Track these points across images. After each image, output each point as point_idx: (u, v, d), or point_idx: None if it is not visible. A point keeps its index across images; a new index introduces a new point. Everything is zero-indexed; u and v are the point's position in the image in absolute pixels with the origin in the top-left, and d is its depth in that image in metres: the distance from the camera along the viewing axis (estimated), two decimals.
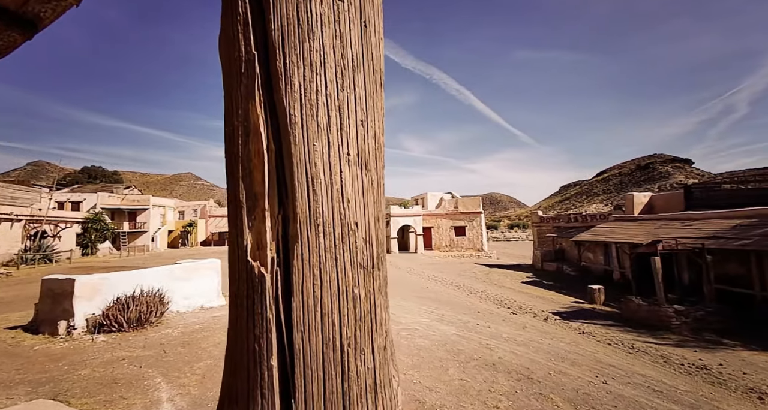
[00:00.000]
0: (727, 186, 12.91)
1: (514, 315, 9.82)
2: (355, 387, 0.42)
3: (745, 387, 5.34)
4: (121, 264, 22.52)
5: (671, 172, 79.27)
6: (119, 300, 6.51)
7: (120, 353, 5.60)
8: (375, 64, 0.54)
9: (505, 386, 4.76)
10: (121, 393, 4.21)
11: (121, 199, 37.86)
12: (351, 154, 0.49)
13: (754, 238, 8.95)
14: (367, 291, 0.48)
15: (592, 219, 17.91)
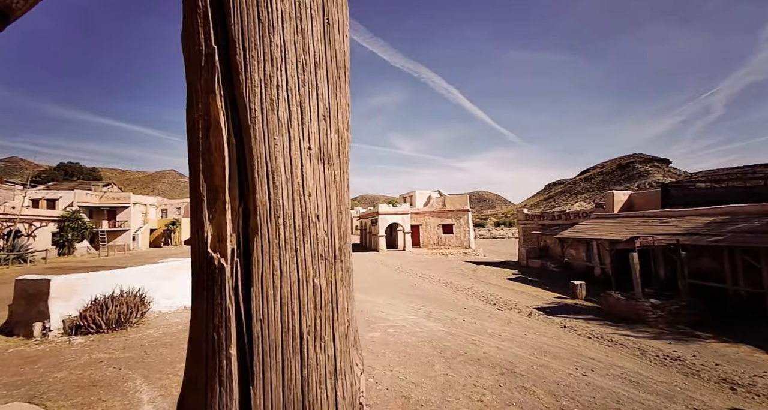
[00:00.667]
0: (702, 184, 13.43)
1: (499, 311, 10.01)
2: (315, 373, 0.43)
3: (718, 377, 5.60)
4: (99, 264, 21.83)
5: (650, 171, 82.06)
6: (97, 300, 6.32)
7: (98, 355, 5.45)
8: (339, 61, 0.55)
9: (489, 380, 4.86)
10: (99, 395, 4.10)
11: (99, 197, 36.59)
12: (313, 149, 0.50)
13: (726, 235, 9.37)
14: (329, 281, 0.49)
15: (575, 216, 18.37)
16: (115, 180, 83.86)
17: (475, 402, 4.16)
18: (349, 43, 0.58)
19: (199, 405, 0.40)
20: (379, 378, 4.71)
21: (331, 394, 0.44)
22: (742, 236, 8.98)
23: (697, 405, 4.52)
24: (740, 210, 10.32)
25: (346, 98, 0.57)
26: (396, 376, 4.80)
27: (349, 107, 0.59)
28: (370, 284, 13.96)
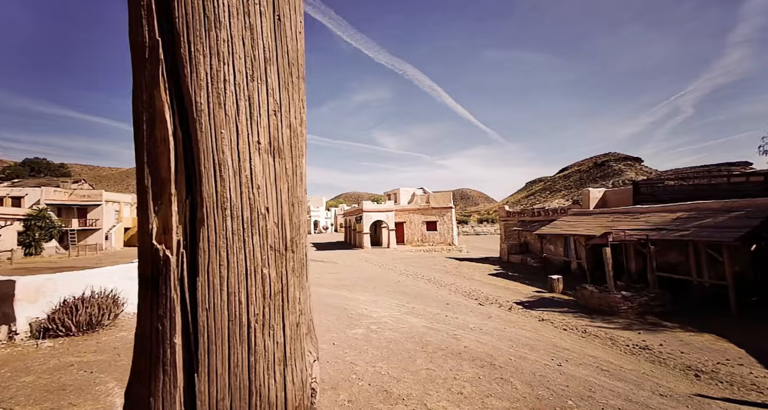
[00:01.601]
0: (670, 182, 14.12)
1: (481, 305, 10.22)
2: (263, 360, 0.45)
3: (683, 365, 5.93)
4: (69, 264, 20.84)
5: (623, 169, 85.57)
6: (66, 302, 6.05)
7: (68, 358, 5.23)
8: (291, 57, 0.56)
9: (470, 373, 4.98)
10: (70, 399, 3.95)
11: (68, 194, 34.82)
12: (262, 143, 0.51)
13: (692, 229, 9.91)
14: (279, 272, 0.50)
15: (553, 213, 18.94)
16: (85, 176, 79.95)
17: (455, 395, 4.26)
18: (303, 40, 0.59)
19: (144, 394, 0.40)
20: (362, 374, 4.74)
21: (279, 379, 0.46)
22: (705, 231, 9.53)
23: (663, 391, 4.79)
24: (704, 206, 10.94)
25: (300, 94, 0.58)
26: (378, 372, 4.85)
27: (303, 103, 0.59)
28: (353, 281, 13.96)
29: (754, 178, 10.65)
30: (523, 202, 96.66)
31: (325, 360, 5.18)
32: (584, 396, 4.37)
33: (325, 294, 11.20)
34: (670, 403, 4.38)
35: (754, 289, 9.98)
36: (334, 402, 3.90)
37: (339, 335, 6.53)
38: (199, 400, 0.40)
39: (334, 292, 11.51)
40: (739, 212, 9.69)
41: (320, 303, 9.48)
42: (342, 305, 9.36)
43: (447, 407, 3.93)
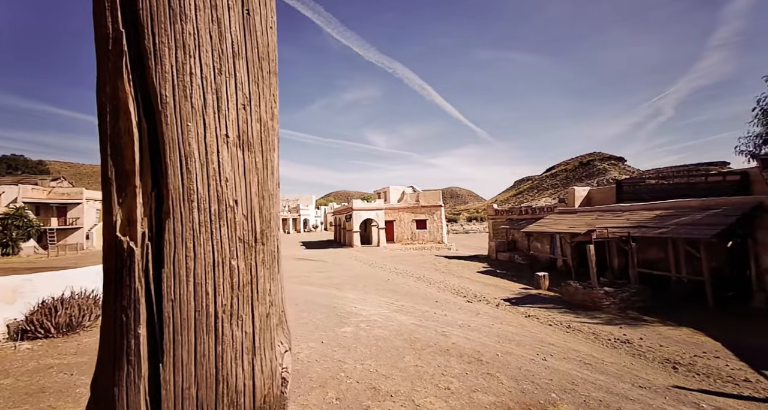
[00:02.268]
0: (651, 181, 14.54)
1: (469, 303, 10.33)
2: (230, 349, 0.46)
3: (662, 358, 6.14)
4: (48, 264, 20.16)
5: (607, 168, 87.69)
6: (45, 303, 5.87)
7: (48, 360, 5.09)
8: (261, 52, 0.56)
9: (457, 369, 5.05)
10: (49, 402, 3.85)
11: (47, 192, 33.64)
12: (231, 136, 0.51)
13: (670, 227, 10.24)
14: (248, 263, 0.51)
15: (540, 211, 19.28)
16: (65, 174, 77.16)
17: (442, 390, 4.32)
18: (275, 36, 0.60)
19: (108, 384, 0.41)
20: (350, 371, 4.76)
21: (248, 368, 0.47)
22: (684, 228, 9.86)
23: (642, 383, 4.95)
24: (683, 204, 11.32)
25: (271, 89, 0.58)
26: (367, 369, 4.87)
27: (275, 97, 0.60)
28: (343, 280, 13.94)
29: (730, 177, 11.07)
30: (511, 201, 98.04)
31: (314, 358, 5.18)
32: (567, 389, 4.49)
33: (314, 292, 11.15)
34: (649, 395, 4.54)
35: (730, 284, 10.38)
36: (322, 400, 3.91)
37: (328, 333, 6.52)
38: (164, 389, 0.40)
39: (323, 291, 11.48)
40: (716, 210, 10.06)
41: (309, 302, 9.44)
42: (331, 304, 9.34)
43: (434, 402, 3.98)
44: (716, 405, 4.36)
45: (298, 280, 13.76)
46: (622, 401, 4.27)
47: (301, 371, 4.70)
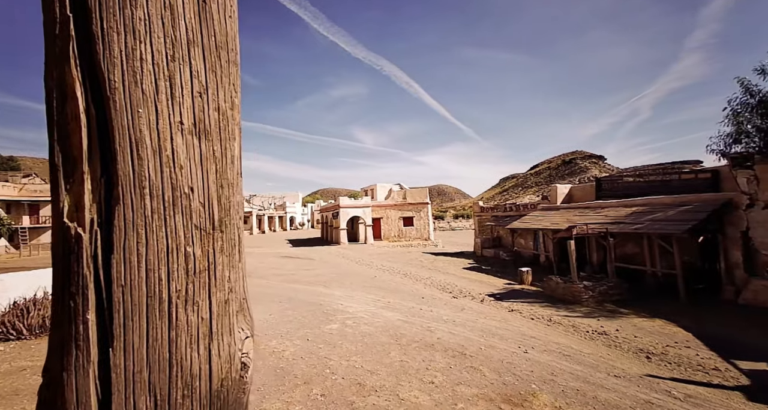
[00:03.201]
0: (629, 179, 15.05)
1: (455, 298, 10.48)
2: (184, 334, 0.47)
3: (636, 348, 6.40)
4: (20, 264, 19.30)
5: (588, 167, 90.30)
6: (17, 304, 5.64)
7: (21, 363, 4.90)
8: (219, 41, 0.57)
9: (442, 363, 5.13)
10: (23, 405, 3.72)
11: (18, 190, 32.10)
12: (185, 124, 0.52)
13: (646, 223, 10.66)
14: (205, 250, 0.52)
15: (524, 208, 19.69)
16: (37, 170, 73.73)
17: (426, 384, 4.38)
18: (235, 25, 0.60)
19: (58, 369, 0.41)
20: (335, 368, 4.76)
21: (204, 353, 0.48)
22: (658, 224, 10.27)
23: (617, 372, 5.16)
24: (657, 201, 11.78)
25: (231, 78, 0.59)
26: (352, 365, 4.89)
27: (235, 87, 0.60)
28: (330, 277, 13.89)
29: (702, 175, 11.58)
30: (497, 198, 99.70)
31: (299, 356, 5.16)
32: (547, 380, 4.64)
33: (300, 290, 11.08)
34: (623, 383, 4.74)
35: (701, 278, 10.90)
36: (306, 396, 3.91)
37: (313, 331, 6.50)
38: (113, 373, 0.41)
39: (309, 288, 11.42)
40: (688, 206, 10.52)
41: (295, 300, 9.38)
42: (317, 301, 9.30)
43: (418, 396, 4.03)
44: (686, 392, 4.59)
45: (283, 278, 13.62)
46: (597, 390, 4.44)
47: (285, 369, 4.68)
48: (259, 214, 55.67)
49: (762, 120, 9.72)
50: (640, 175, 14.77)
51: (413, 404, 3.84)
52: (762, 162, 9.33)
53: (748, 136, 9.90)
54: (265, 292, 10.59)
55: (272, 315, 7.64)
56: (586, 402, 4.10)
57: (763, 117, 9.72)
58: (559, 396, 4.19)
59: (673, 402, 4.23)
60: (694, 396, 4.48)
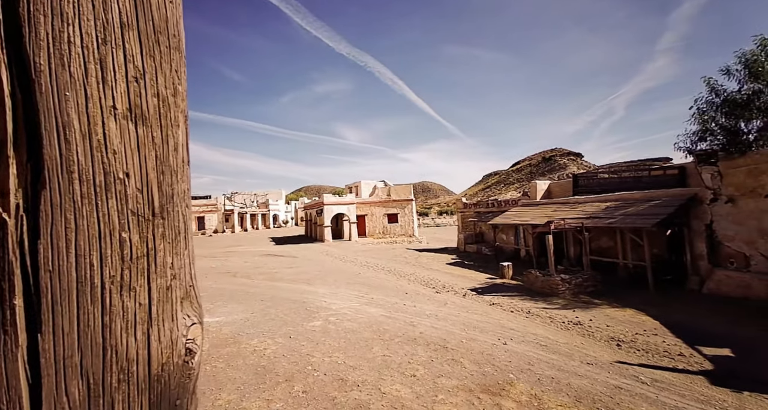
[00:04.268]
0: (604, 175, 15.63)
1: (437, 293, 10.63)
2: (119, 320, 0.47)
3: (608, 336, 6.69)
4: None
5: (567, 163, 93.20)
6: None
7: None
8: (158, 26, 0.56)
9: (423, 356, 5.21)
10: None
11: None
12: (119, 108, 0.51)
13: (618, 217, 11.12)
14: (143, 236, 0.52)
15: (505, 204, 20.13)
16: None
17: (408, 378, 4.45)
18: (177, 10, 0.59)
19: None
20: (318, 364, 4.77)
21: (141, 338, 0.48)
22: (629, 218, 10.74)
23: (590, 360, 5.39)
24: (629, 196, 12.31)
25: (173, 64, 0.59)
26: (335, 361, 4.90)
27: (179, 74, 0.60)
28: (313, 275, 13.81)
29: (670, 172, 12.17)
30: (480, 194, 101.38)
31: (281, 354, 5.13)
32: (524, 369, 4.80)
33: (283, 288, 10.97)
34: (595, 370, 4.96)
35: (669, 269, 11.49)
36: (288, 393, 3.90)
37: (296, 328, 6.46)
38: (43, 358, 0.41)
39: (292, 286, 11.31)
40: (657, 201, 11.04)
41: (277, 298, 9.28)
42: (300, 299, 9.24)
43: (400, 389, 4.10)
44: (653, 377, 4.84)
45: (266, 277, 13.44)
46: (571, 377, 4.64)
47: (267, 367, 4.64)
48: (241, 212, 54.52)
49: (726, 118, 10.28)
50: (614, 172, 15.36)
51: (395, 397, 3.89)
52: (725, 159, 9.89)
53: (712, 134, 10.45)
54: (248, 291, 10.42)
55: (254, 313, 7.54)
56: (560, 389, 4.27)
57: (726, 116, 10.28)
58: (534, 385, 4.35)
59: (640, 387, 4.46)
60: (660, 380, 4.74)
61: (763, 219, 9.03)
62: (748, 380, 4.75)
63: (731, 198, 9.71)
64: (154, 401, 0.50)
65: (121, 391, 0.47)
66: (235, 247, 27.52)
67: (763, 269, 8.89)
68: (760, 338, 6.37)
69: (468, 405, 3.76)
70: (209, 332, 6.13)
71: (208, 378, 4.24)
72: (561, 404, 3.88)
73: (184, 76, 0.60)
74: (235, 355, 5.03)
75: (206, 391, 3.87)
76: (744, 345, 6.09)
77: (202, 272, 14.84)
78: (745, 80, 10.00)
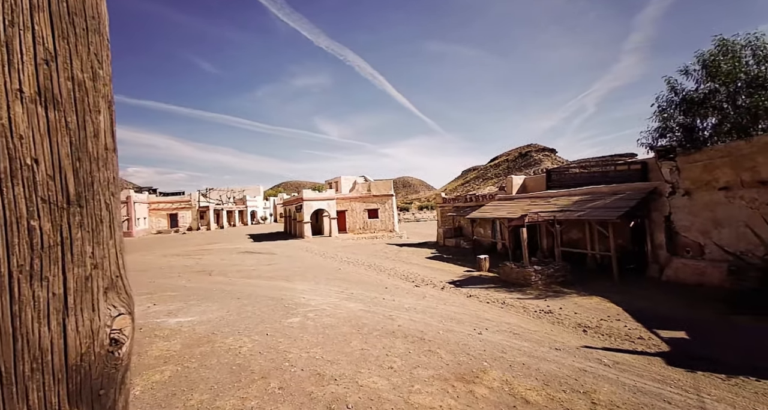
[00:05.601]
0: (575, 170, 16.29)
1: (417, 287, 10.78)
2: (30, 309, 0.46)
3: (575, 323, 7.04)
4: None
5: (542, 159, 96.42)
6: None
7: None
8: (72, 7, 0.55)
9: (401, 349, 5.30)
10: None
11: None
12: (27, 92, 0.50)
13: (587, 210, 11.65)
14: (56, 225, 0.51)
15: (483, 199, 20.60)
16: None
17: (385, 370, 4.52)
18: None
19: None
20: (295, 360, 4.74)
21: (56, 328, 0.47)
22: (597, 211, 11.28)
23: (558, 346, 5.67)
24: (597, 190, 12.92)
25: (91, 48, 0.57)
26: (312, 357, 4.89)
27: (99, 58, 0.58)
28: (292, 271, 13.65)
29: (633, 167, 12.86)
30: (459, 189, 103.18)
31: (257, 351, 5.06)
32: (497, 357, 4.99)
33: (260, 285, 10.78)
34: (563, 355, 5.22)
35: (632, 258, 12.19)
36: (263, 390, 3.86)
37: (273, 325, 6.39)
38: None
39: (271, 284, 11.14)
40: (621, 195, 11.65)
41: (254, 296, 9.12)
42: (278, 296, 9.12)
43: (377, 381, 4.15)
44: (615, 360, 5.16)
45: (243, 274, 13.16)
46: (540, 362, 4.86)
47: (242, 365, 4.57)
48: (217, 209, 52.88)
49: (684, 116, 10.94)
50: (584, 167, 16.03)
51: (371, 389, 3.95)
52: (683, 154, 10.55)
53: (671, 131, 11.11)
54: (224, 289, 10.17)
55: (230, 312, 7.38)
56: (530, 373, 4.47)
57: (684, 113, 10.94)
58: (507, 371, 4.53)
59: (603, 369, 4.74)
60: (621, 362, 5.05)
61: (716, 211, 9.72)
62: (701, 360, 5.14)
63: (688, 191, 10.40)
64: (74, 390, 0.50)
65: (35, 380, 0.46)
66: (210, 245, 26.70)
67: (716, 257, 9.60)
68: (713, 321, 6.91)
69: (443, 394, 3.87)
70: (181, 332, 5.95)
71: (180, 378, 4.14)
72: (530, 388, 4.07)
73: (107, 59, 0.58)
74: (208, 354, 4.92)
75: (177, 392, 3.77)
76: (698, 327, 6.58)
77: (174, 271, 14.33)
78: (703, 80, 10.66)
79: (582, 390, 4.05)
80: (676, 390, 4.16)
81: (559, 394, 3.94)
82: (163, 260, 18.58)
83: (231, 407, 3.51)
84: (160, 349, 5.12)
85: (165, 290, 10.13)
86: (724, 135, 10.48)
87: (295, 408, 3.52)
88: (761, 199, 8.78)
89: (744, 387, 4.27)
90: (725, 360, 5.09)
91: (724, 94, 10.29)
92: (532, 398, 3.84)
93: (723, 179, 9.57)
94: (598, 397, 3.89)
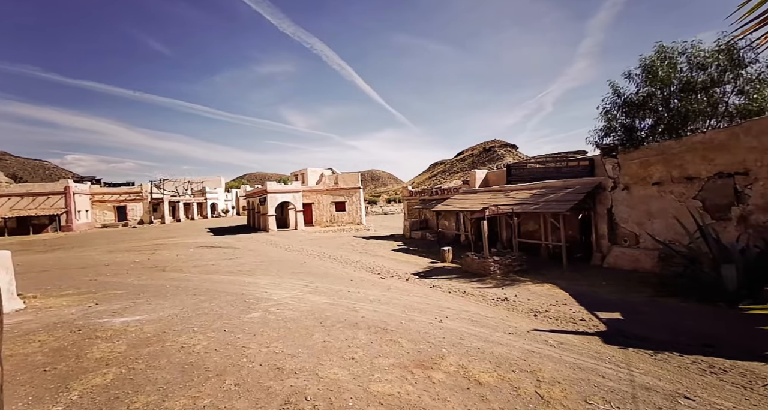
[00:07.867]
0: (533, 165, 17.18)
1: (382, 279, 10.90)
2: None
3: (528, 309, 7.51)
4: None
5: (504, 154, 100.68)
6: None
7: None
8: None
9: (363, 339, 5.35)
10: None
11: None
12: None
13: (542, 203, 12.40)
14: None
15: (448, 192, 21.14)
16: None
17: (347, 361, 4.54)
18: None
19: None
20: (253, 356, 4.63)
21: None
22: (550, 204, 12.05)
23: (511, 330, 6.03)
24: (552, 185, 13.77)
25: None
26: (272, 352, 4.80)
27: None
28: (255, 266, 13.22)
29: (582, 163, 13.85)
30: (427, 183, 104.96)
31: (213, 348, 4.87)
32: (455, 344, 5.21)
33: (220, 281, 10.33)
34: (514, 339, 5.57)
35: (580, 248, 13.20)
36: (218, 388, 3.73)
37: (232, 321, 6.17)
38: None
39: (231, 278, 10.72)
40: (572, 189, 12.52)
41: (212, 291, 8.73)
42: (239, 291, 8.80)
43: (338, 372, 4.17)
44: (559, 340, 5.59)
45: (201, 270, 12.52)
46: (494, 346, 5.15)
47: (195, 363, 4.37)
48: (172, 201, 49.51)
49: (625, 117, 11.93)
50: (541, 163, 16.94)
51: (331, 380, 3.96)
52: (623, 152, 11.52)
53: (614, 131, 12.08)
54: (178, 286, 9.62)
55: (184, 309, 7.01)
56: (484, 357, 4.73)
57: (626, 115, 11.93)
58: (463, 356, 4.76)
59: (549, 349, 5.13)
60: (565, 342, 5.49)
61: (650, 204, 10.77)
62: (632, 338, 5.72)
63: (627, 186, 11.40)
64: None
65: None
66: (165, 239, 25.03)
67: (649, 246, 10.67)
68: (644, 303, 7.70)
69: (402, 381, 3.98)
70: (127, 332, 5.57)
71: (124, 380, 3.87)
72: (483, 370, 4.31)
73: None
74: (158, 354, 4.65)
75: (120, 395, 3.53)
76: (631, 309, 7.31)
77: (122, 268, 13.29)
78: (642, 83, 11.65)
79: (529, 370, 4.36)
80: (609, 366, 4.60)
81: (509, 374, 4.22)
82: (108, 256, 17.14)
83: (181, 407, 3.36)
84: (101, 351, 4.76)
85: (109, 288, 9.38)
86: (659, 135, 11.59)
87: (251, 403, 3.45)
88: (688, 194, 9.86)
89: (669, 362, 4.82)
90: (653, 337, 5.72)
91: (660, 98, 11.34)
92: (485, 379, 4.07)
93: (656, 175, 10.61)
94: (543, 375, 4.22)
